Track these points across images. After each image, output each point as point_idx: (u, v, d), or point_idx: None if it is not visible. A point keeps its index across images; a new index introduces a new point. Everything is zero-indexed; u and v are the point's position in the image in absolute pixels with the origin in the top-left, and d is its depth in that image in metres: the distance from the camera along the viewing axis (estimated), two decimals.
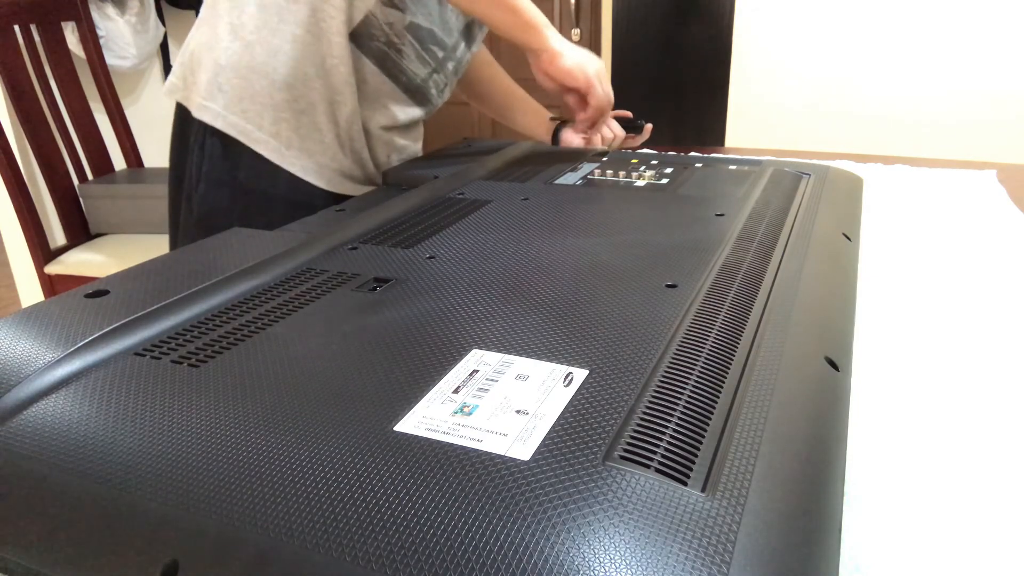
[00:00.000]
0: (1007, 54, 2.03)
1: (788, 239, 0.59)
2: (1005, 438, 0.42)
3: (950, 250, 0.69)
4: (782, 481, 0.31)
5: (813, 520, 0.31)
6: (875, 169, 0.99)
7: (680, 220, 0.63)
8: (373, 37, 0.86)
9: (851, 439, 0.41)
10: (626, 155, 0.91)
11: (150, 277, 0.51)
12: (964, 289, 0.61)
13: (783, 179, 0.78)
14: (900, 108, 2.17)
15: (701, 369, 0.38)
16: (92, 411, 0.36)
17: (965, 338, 0.53)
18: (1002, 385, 0.47)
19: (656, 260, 0.53)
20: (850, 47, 2.16)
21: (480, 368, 0.38)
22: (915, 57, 2.11)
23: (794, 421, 0.36)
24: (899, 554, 0.34)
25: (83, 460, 0.32)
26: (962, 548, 0.34)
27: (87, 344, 0.41)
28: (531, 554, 0.26)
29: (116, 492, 0.31)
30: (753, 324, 0.44)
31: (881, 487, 0.38)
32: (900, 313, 0.57)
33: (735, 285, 0.49)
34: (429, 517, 0.28)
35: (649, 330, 0.42)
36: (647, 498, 0.28)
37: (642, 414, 0.34)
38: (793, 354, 0.41)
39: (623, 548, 0.26)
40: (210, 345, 0.42)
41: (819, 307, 0.50)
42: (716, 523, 0.27)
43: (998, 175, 0.95)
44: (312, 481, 0.30)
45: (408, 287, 0.50)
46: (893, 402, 0.46)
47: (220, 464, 0.31)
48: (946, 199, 0.85)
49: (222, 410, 0.35)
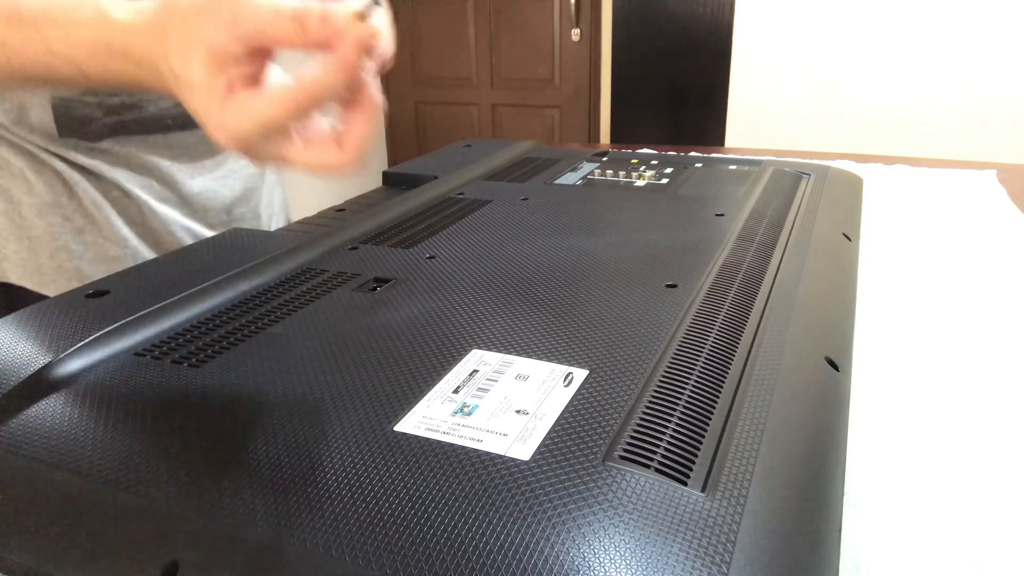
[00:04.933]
0: (1007, 54, 2.03)
1: (788, 239, 0.59)
2: (1005, 438, 0.42)
3: (950, 250, 0.69)
4: (782, 481, 0.31)
5: (813, 520, 0.31)
6: (875, 169, 0.99)
7: (680, 220, 0.63)
8: None
9: (851, 439, 0.41)
10: (626, 155, 0.91)
11: (150, 277, 0.51)
12: (964, 289, 0.61)
13: (783, 179, 0.78)
14: (900, 108, 2.17)
15: (701, 369, 0.38)
16: (92, 411, 0.36)
17: (965, 338, 0.53)
18: (1002, 385, 0.47)
19: (656, 260, 0.53)
20: (850, 47, 2.17)
21: (480, 368, 0.38)
22: (915, 57, 2.12)
23: (794, 421, 0.36)
24: (899, 554, 0.34)
25: (83, 460, 0.32)
26: (962, 548, 0.34)
27: (87, 344, 0.41)
28: (531, 554, 0.26)
29: (116, 492, 0.31)
30: (753, 324, 0.44)
31: (881, 487, 0.38)
32: (900, 313, 0.57)
33: (735, 285, 0.49)
34: (429, 517, 0.28)
35: (649, 330, 0.42)
36: (647, 498, 0.28)
37: (642, 414, 0.34)
38: (793, 354, 0.41)
39: (623, 548, 0.26)
40: (210, 345, 0.42)
41: (819, 307, 0.50)
42: (716, 523, 0.27)
43: (998, 175, 0.95)
44: (312, 481, 0.30)
45: (408, 287, 0.50)
46: (893, 402, 0.46)
47: (220, 464, 0.31)
48: (946, 199, 0.85)
49: (222, 410, 0.35)
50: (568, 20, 2.82)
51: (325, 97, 0.34)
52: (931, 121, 2.15)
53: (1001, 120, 2.08)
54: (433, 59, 3.10)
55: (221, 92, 0.34)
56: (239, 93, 0.34)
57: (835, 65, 2.20)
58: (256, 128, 0.34)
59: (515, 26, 2.91)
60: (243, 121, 0.34)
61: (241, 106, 0.33)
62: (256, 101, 0.34)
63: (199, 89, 0.34)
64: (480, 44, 2.99)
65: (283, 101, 0.33)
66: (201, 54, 0.34)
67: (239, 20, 0.33)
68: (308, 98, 0.34)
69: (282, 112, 0.33)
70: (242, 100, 0.34)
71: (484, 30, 2.96)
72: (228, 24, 0.33)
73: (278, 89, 0.34)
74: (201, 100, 0.34)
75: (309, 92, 0.33)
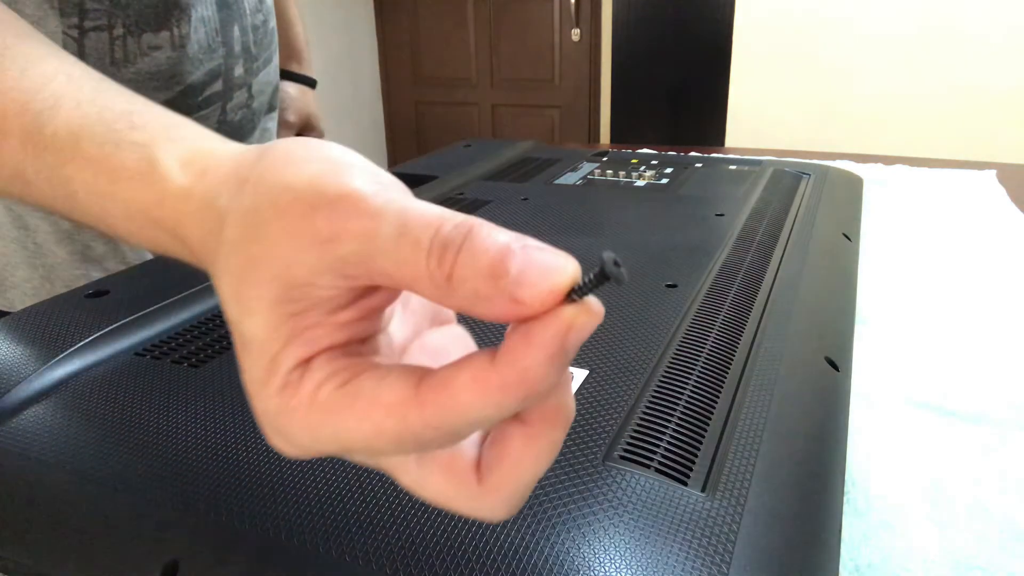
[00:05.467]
0: (1007, 54, 2.03)
1: (788, 239, 0.59)
2: (1005, 438, 0.42)
3: (950, 250, 0.69)
4: (782, 481, 0.31)
5: (813, 520, 0.31)
6: (875, 169, 0.99)
7: (680, 220, 0.63)
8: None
9: (851, 439, 0.41)
10: (626, 155, 0.91)
11: (151, 277, 0.51)
12: (964, 289, 0.61)
13: (783, 179, 0.78)
14: (900, 108, 2.17)
15: (701, 369, 0.38)
16: (92, 411, 0.36)
17: (965, 338, 0.53)
18: (1002, 385, 0.47)
19: (656, 260, 0.53)
20: (850, 47, 2.17)
21: None
22: (915, 57, 2.12)
23: (794, 421, 0.36)
24: (899, 555, 0.34)
25: (83, 460, 0.32)
26: (962, 548, 0.34)
27: (87, 344, 0.41)
28: (531, 554, 0.26)
29: (116, 492, 0.31)
30: (753, 324, 0.44)
31: (881, 485, 0.38)
32: (900, 313, 0.57)
33: (735, 285, 0.49)
34: (429, 516, 0.28)
35: (649, 330, 0.42)
36: (647, 498, 0.28)
37: (642, 414, 0.34)
38: (793, 354, 0.41)
39: (623, 548, 0.26)
40: (211, 345, 0.42)
41: (819, 307, 0.50)
42: (716, 523, 0.27)
43: (998, 175, 0.95)
44: (312, 481, 0.30)
45: None
46: (893, 402, 0.46)
47: (220, 464, 0.31)
48: (946, 199, 0.85)
49: (222, 410, 0.35)
50: (568, 20, 2.82)
51: (478, 425, 0.18)
52: (931, 121, 2.15)
53: (1001, 120, 2.08)
54: (433, 59, 3.10)
55: (286, 378, 0.19)
56: (324, 389, 0.19)
57: (835, 65, 2.20)
58: (338, 451, 0.19)
59: (515, 26, 2.91)
60: (320, 440, 0.19)
61: (323, 413, 0.19)
62: (347, 414, 0.18)
63: (255, 353, 0.20)
64: (480, 44, 2.99)
65: (398, 425, 0.18)
66: (271, 294, 0.19)
67: (349, 234, 0.18)
68: (444, 422, 0.18)
69: (389, 443, 0.18)
70: (326, 405, 0.19)
71: (484, 30, 2.96)
72: (326, 239, 0.18)
73: (394, 395, 0.18)
74: (255, 372, 0.20)
75: (448, 414, 0.17)
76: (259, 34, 0.71)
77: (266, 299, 0.19)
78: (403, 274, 0.18)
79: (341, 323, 0.19)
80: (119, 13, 0.56)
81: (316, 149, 0.20)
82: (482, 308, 0.17)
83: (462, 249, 0.17)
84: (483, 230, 0.17)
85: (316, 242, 0.18)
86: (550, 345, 0.17)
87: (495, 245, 0.17)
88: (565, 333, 0.17)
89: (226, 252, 0.20)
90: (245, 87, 0.69)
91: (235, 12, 0.66)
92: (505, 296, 0.17)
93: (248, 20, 0.68)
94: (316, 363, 0.19)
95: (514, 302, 0.17)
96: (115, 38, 0.57)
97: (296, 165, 0.19)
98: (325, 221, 0.18)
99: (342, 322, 0.19)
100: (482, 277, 0.17)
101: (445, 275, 0.17)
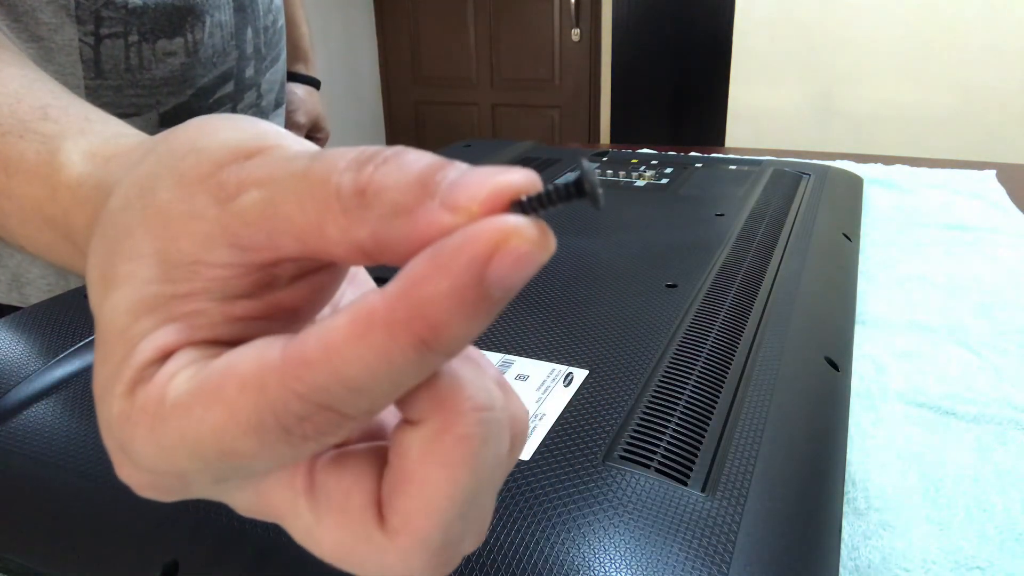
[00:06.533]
0: (1007, 54, 2.03)
1: (788, 239, 0.59)
2: (1004, 438, 0.42)
3: (950, 250, 0.69)
4: (782, 481, 0.31)
5: (813, 520, 0.31)
6: (875, 169, 0.99)
7: (680, 220, 0.63)
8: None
9: (851, 439, 0.41)
10: (626, 155, 0.91)
11: None
12: (964, 289, 0.61)
13: (783, 179, 0.78)
14: (900, 108, 2.17)
15: (701, 369, 0.38)
16: (92, 411, 0.36)
17: (965, 338, 0.53)
18: (1001, 385, 0.47)
19: (656, 260, 0.53)
20: (850, 47, 2.17)
21: None
22: (915, 57, 2.12)
23: (794, 421, 0.36)
24: (899, 555, 0.34)
25: (83, 460, 0.32)
26: (962, 548, 0.34)
27: (87, 344, 0.41)
28: (531, 554, 0.26)
29: (116, 492, 0.31)
30: (753, 324, 0.44)
31: (881, 485, 0.38)
32: (900, 313, 0.57)
33: (735, 285, 0.49)
34: None
35: (649, 330, 0.42)
36: (647, 498, 0.28)
37: (642, 414, 0.34)
38: (793, 354, 0.41)
39: (623, 548, 0.26)
40: None
41: (819, 307, 0.50)
42: (716, 523, 0.28)
43: (998, 175, 0.95)
44: None
45: None
46: (893, 402, 0.46)
47: None
48: (946, 199, 0.85)
49: None
50: (568, 20, 2.82)
51: (361, 392, 0.13)
52: (931, 121, 2.15)
53: (1001, 120, 2.08)
54: (433, 59, 3.10)
55: (138, 374, 0.15)
56: (176, 381, 0.14)
57: (835, 65, 2.20)
58: (191, 464, 0.14)
59: (515, 26, 2.91)
60: (165, 450, 0.14)
61: (170, 409, 0.14)
62: (194, 403, 0.14)
63: (110, 343, 0.15)
64: (480, 44, 2.99)
65: (255, 401, 0.13)
66: (146, 272, 0.15)
67: (253, 181, 0.15)
68: (313, 384, 0.13)
69: (248, 435, 0.13)
70: (176, 400, 0.14)
71: (484, 30, 2.97)
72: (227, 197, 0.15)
73: (252, 364, 0.13)
74: (105, 368, 0.15)
75: (316, 371, 0.13)
76: (269, 34, 0.71)
77: (139, 277, 0.15)
78: (306, 212, 0.14)
79: (235, 315, 0.15)
80: (134, 21, 0.57)
81: (242, 120, 0.17)
82: (399, 229, 0.13)
83: (388, 160, 0.14)
84: (417, 151, 0.14)
85: (215, 202, 0.15)
86: (465, 268, 0.12)
87: (430, 156, 0.14)
88: (490, 251, 0.12)
89: (102, 225, 0.16)
90: (255, 87, 0.70)
91: (250, 15, 0.67)
92: (434, 204, 0.13)
93: (261, 22, 0.69)
94: (177, 353, 0.15)
95: (444, 209, 0.13)
96: (130, 45, 0.57)
97: (214, 132, 0.16)
98: (232, 175, 0.15)
99: (237, 315, 0.15)
100: (406, 184, 0.13)
101: (358, 189, 0.13)
